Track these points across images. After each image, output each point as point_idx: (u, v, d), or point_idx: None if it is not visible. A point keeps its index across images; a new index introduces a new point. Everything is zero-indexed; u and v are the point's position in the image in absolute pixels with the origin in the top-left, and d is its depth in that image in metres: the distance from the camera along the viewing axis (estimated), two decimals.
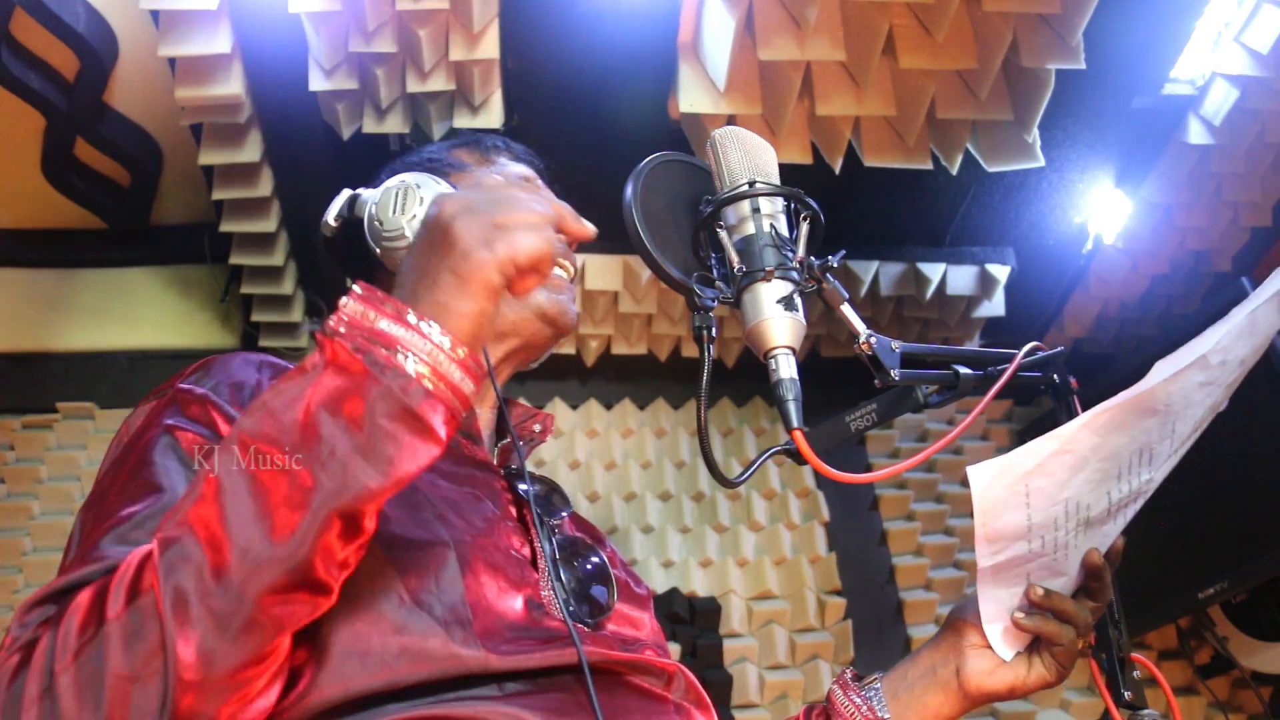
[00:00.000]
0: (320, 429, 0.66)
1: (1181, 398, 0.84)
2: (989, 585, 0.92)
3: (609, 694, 0.83)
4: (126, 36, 2.17)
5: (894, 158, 2.22)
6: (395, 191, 0.99)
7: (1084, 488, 0.86)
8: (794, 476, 2.78)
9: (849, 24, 2.01)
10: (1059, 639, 0.93)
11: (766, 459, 0.89)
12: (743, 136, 0.91)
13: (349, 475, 0.65)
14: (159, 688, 0.62)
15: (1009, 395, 2.99)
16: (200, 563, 0.64)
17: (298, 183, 2.33)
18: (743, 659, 2.50)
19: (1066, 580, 0.94)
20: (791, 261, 0.86)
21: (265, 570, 0.64)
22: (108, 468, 0.83)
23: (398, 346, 0.68)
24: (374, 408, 0.66)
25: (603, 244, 2.55)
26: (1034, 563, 0.91)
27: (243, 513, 0.65)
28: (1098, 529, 0.92)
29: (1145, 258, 2.77)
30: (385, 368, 0.67)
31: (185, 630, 0.62)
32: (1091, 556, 0.93)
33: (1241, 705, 2.69)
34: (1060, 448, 0.82)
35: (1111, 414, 0.81)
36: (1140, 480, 0.90)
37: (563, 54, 2.09)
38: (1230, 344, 0.85)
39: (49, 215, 2.60)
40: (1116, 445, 0.84)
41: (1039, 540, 0.88)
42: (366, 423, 0.66)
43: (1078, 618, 0.93)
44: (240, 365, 0.89)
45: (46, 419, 2.61)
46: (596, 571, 0.98)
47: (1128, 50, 2.14)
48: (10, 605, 2.34)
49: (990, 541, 0.87)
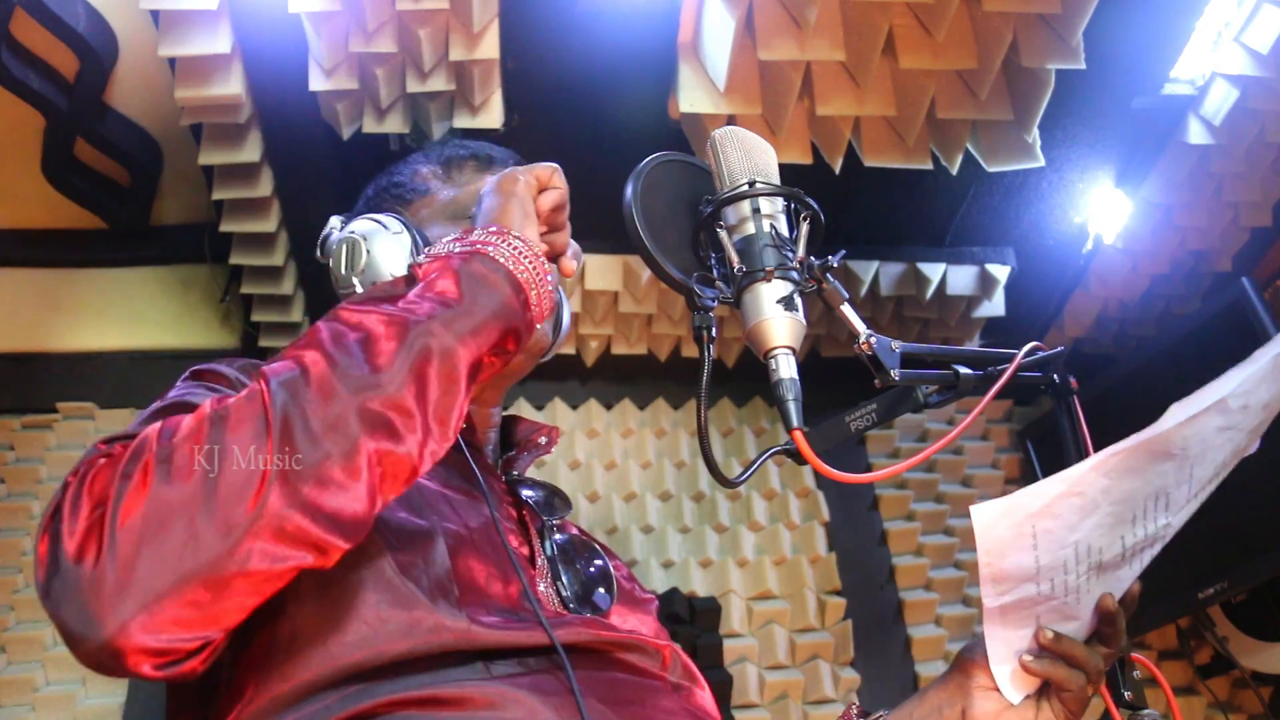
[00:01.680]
0: (414, 296, 0.79)
1: (1199, 442, 0.81)
2: (996, 626, 0.90)
3: (602, 673, 0.83)
4: (126, 36, 2.17)
5: (894, 158, 2.22)
6: (345, 245, 1.02)
7: (1095, 531, 0.84)
8: (794, 476, 2.78)
9: (849, 24, 2.01)
10: (1068, 685, 0.90)
11: (766, 459, 0.89)
12: (743, 136, 0.91)
13: (443, 309, 0.77)
14: (258, 476, 0.66)
15: (1009, 395, 2.99)
16: (308, 380, 0.70)
17: (298, 183, 2.33)
18: (743, 659, 2.50)
19: (1079, 625, 0.92)
20: (791, 261, 0.86)
21: (368, 392, 0.70)
22: None
23: (497, 247, 0.86)
24: (465, 265, 0.83)
25: (603, 244, 2.58)
26: (1043, 605, 0.88)
27: (349, 354, 0.72)
28: (1112, 573, 0.89)
29: (1145, 258, 2.77)
30: (490, 258, 0.84)
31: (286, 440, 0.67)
32: (1105, 602, 0.90)
33: (1241, 705, 2.69)
34: (1068, 490, 0.80)
35: (1123, 457, 0.78)
36: (1157, 525, 0.87)
37: (563, 54, 2.09)
38: (1252, 388, 0.81)
39: (49, 215, 2.60)
40: (1130, 489, 0.82)
41: (1048, 583, 0.86)
42: (461, 275, 0.81)
43: (1088, 663, 0.90)
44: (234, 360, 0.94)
45: (46, 419, 2.61)
46: (600, 574, 0.98)
47: (1128, 50, 2.14)
48: (10, 605, 2.34)
49: (995, 582, 0.85)
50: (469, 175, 1.15)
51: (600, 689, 0.80)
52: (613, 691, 0.82)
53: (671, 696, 0.89)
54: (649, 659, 0.90)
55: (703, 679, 0.97)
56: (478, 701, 0.73)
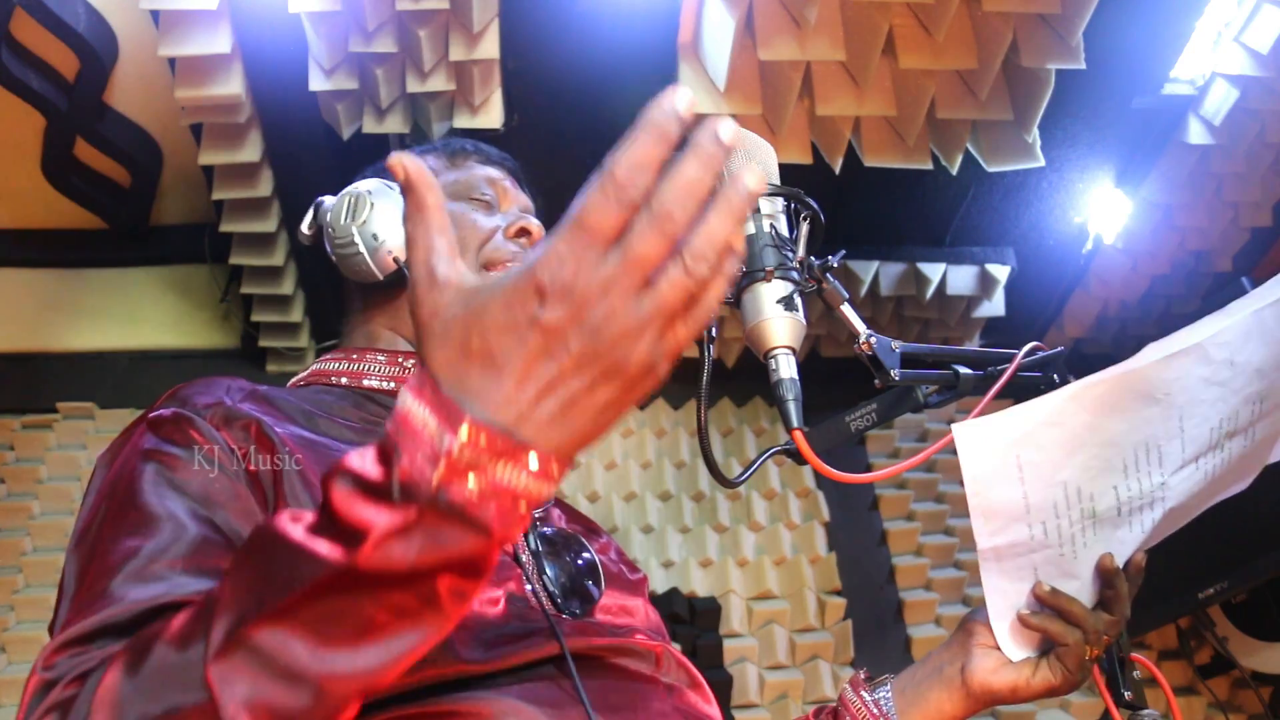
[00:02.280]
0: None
1: (1182, 390, 0.82)
2: (993, 575, 0.90)
3: (595, 680, 0.82)
4: (126, 36, 2.18)
5: (894, 158, 2.22)
6: (347, 199, 1.03)
7: (1084, 474, 0.84)
8: (794, 476, 2.79)
9: (849, 24, 2.01)
10: (1063, 639, 0.90)
11: (766, 459, 0.89)
12: (743, 136, 0.91)
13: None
14: None
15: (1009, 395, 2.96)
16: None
17: (298, 183, 2.33)
18: (743, 659, 2.50)
19: (1079, 585, 0.92)
20: (791, 261, 0.86)
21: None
22: (94, 503, 0.79)
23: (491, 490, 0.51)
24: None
25: None
26: (1039, 554, 0.89)
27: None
28: (1109, 530, 0.89)
29: (1145, 258, 2.77)
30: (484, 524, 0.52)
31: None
32: (1105, 560, 0.90)
33: (1241, 705, 2.69)
34: (1048, 419, 0.80)
35: (1101, 389, 0.79)
36: (1152, 482, 0.87)
37: (563, 54, 2.09)
38: (1236, 343, 0.81)
39: (49, 215, 2.60)
40: (1115, 431, 0.82)
41: (1040, 526, 0.86)
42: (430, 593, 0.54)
43: (1085, 621, 0.90)
44: (209, 387, 0.87)
45: (46, 419, 2.61)
46: (587, 567, 0.98)
47: (1128, 50, 2.14)
48: (10, 605, 2.34)
49: (985, 517, 0.85)
50: (471, 164, 1.17)
51: (594, 695, 0.79)
52: (606, 697, 0.81)
53: (664, 698, 0.88)
54: (642, 661, 0.89)
55: (700, 678, 0.97)
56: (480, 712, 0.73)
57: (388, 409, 0.97)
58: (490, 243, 1.07)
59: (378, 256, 1.03)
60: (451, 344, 0.50)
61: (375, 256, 1.03)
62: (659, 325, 0.49)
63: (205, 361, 2.69)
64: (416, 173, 0.54)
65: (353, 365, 1.03)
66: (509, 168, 1.20)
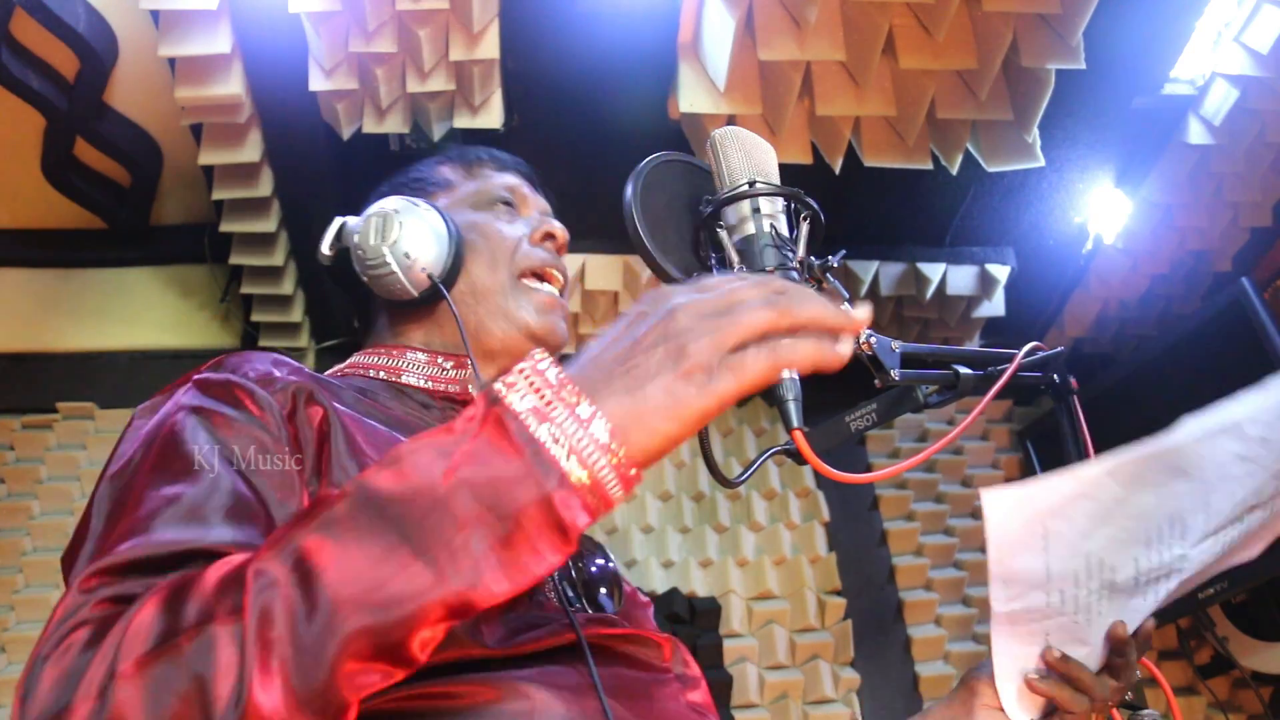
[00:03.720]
0: (458, 510, 0.58)
1: (1215, 466, 0.80)
2: (1004, 638, 0.88)
3: (607, 668, 0.82)
4: (126, 36, 2.17)
5: (894, 158, 2.22)
6: (375, 219, 1.04)
7: (1109, 545, 0.82)
8: (794, 476, 2.78)
9: (849, 24, 2.01)
10: (1072, 707, 0.89)
11: (766, 459, 0.88)
12: (743, 136, 0.91)
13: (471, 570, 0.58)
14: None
15: (1009, 395, 2.99)
16: (295, 609, 0.57)
17: (298, 183, 2.33)
18: (743, 659, 2.50)
19: (1089, 651, 0.91)
20: (791, 261, 0.86)
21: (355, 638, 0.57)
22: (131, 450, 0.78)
23: (570, 446, 0.58)
24: (525, 511, 0.58)
25: (603, 244, 2.57)
26: (1052, 620, 0.87)
27: (349, 571, 0.57)
28: (1124, 599, 0.88)
29: (1145, 258, 2.77)
30: (549, 467, 0.58)
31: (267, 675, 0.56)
32: (1116, 629, 0.89)
33: (1241, 705, 2.69)
34: (1080, 491, 0.78)
35: (1137, 465, 0.77)
36: (1172, 554, 0.85)
37: (563, 54, 2.09)
38: (1273, 421, 0.79)
39: (49, 215, 2.60)
40: (1144, 505, 0.80)
41: (1058, 595, 0.84)
42: (509, 521, 0.58)
43: (1094, 689, 0.89)
44: (257, 358, 0.88)
45: (46, 419, 2.61)
46: (601, 574, 0.98)
47: (1128, 50, 2.14)
48: (10, 605, 2.34)
49: (1005, 584, 0.82)
50: (488, 172, 1.18)
51: (606, 683, 0.80)
52: (619, 686, 0.81)
53: (675, 689, 0.89)
54: (651, 652, 0.90)
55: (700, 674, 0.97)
56: (491, 695, 0.73)
57: (423, 406, 1.00)
58: (519, 250, 1.09)
59: (411, 275, 1.04)
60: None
61: (409, 275, 1.04)
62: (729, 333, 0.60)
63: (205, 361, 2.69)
64: (853, 329, 0.65)
65: (392, 360, 1.05)
66: (524, 172, 1.21)
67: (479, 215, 1.11)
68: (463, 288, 1.06)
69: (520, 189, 1.17)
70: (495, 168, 1.19)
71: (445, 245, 1.05)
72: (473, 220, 1.10)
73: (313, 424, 0.82)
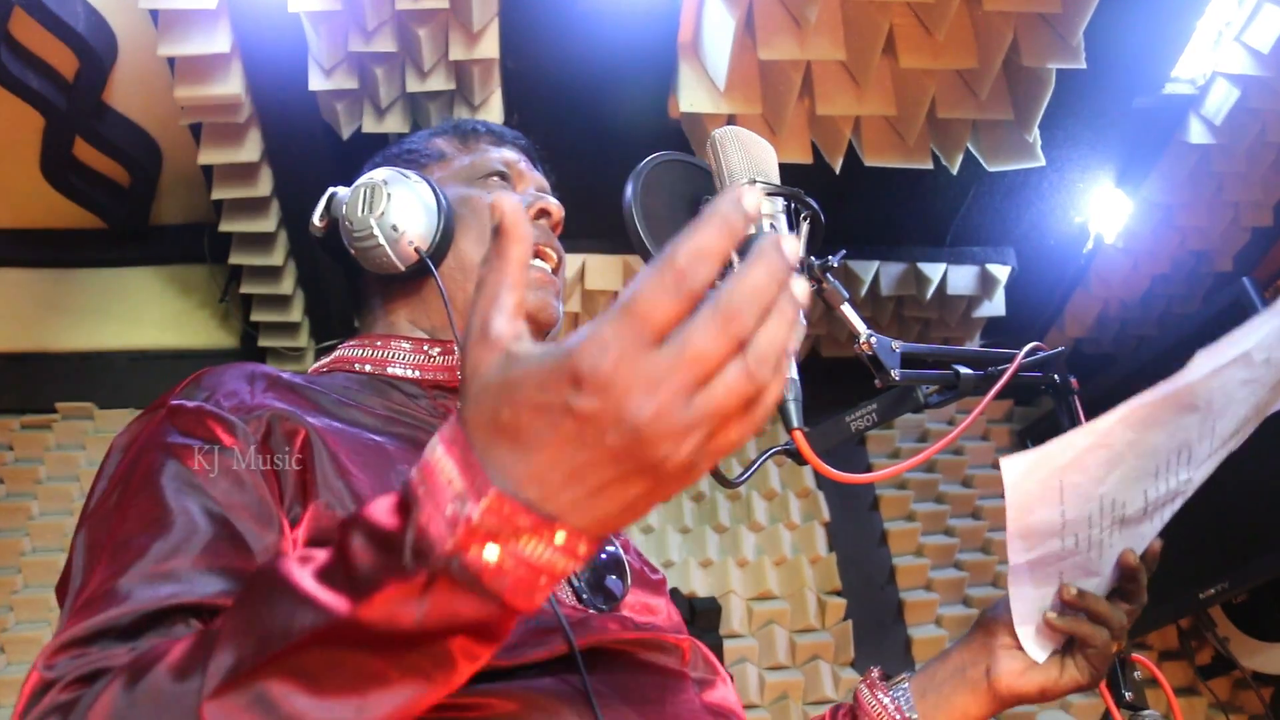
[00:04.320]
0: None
1: (1223, 395, 0.81)
2: (1023, 585, 0.90)
3: (623, 675, 0.82)
4: (126, 36, 2.17)
5: (894, 158, 2.22)
6: (363, 189, 1.01)
7: (1120, 485, 0.84)
8: (794, 476, 2.78)
9: (849, 24, 2.01)
10: (1092, 640, 0.91)
11: (766, 459, 0.88)
12: (743, 136, 0.91)
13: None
14: None
15: (1009, 395, 2.99)
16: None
17: (297, 182, 2.33)
18: (743, 659, 2.49)
19: (1100, 580, 0.92)
20: None
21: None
22: (107, 488, 0.78)
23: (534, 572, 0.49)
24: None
25: (603, 244, 2.57)
26: (1067, 561, 0.89)
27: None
28: (1133, 528, 0.90)
29: (1146, 257, 2.77)
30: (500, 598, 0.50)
31: None
32: (1127, 557, 0.91)
33: (1242, 706, 2.68)
34: (1096, 442, 0.80)
35: (1150, 409, 0.78)
36: (1179, 480, 0.87)
37: (563, 54, 2.09)
38: (1275, 342, 0.81)
39: (49, 215, 2.60)
40: (1155, 442, 0.82)
41: (1072, 538, 0.86)
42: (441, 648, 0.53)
43: (1112, 619, 0.91)
44: (232, 376, 0.85)
45: (46, 419, 2.61)
46: (611, 561, 0.97)
47: (1128, 50, 2.13)
48: (9, 606, 2.34)
49: (1022, 538, 0.85)
50: (484, 145, 1.16)
51: (622, 689, 0.79)
52: (634, 691, 0.81)
53: (693, 692, 0.88)
54: (669, 655, 0.89)
55: (724, 671, 0.97)
56: (497, 707, 0.72)
57: (411, 397, 0.97)
58: None
59: (398, 247, 1.01)
60: (483, 410, 0.48)
61: (396, 248, 1.01)
62: (709, 428, 0.46)
63: (205, 361, 2.66)
64: (513, 221, 0.52)
65: (377, 352, 1.01)
66: (522, 146, 1.19)
67: (471, 189, 1.09)
68: (451, 263, 1.03)
69: (517, 164, 1.14)
70: (492, 141, 1.16)
71: (434, 219, 1.02)
72: (464, 194, 1.08)
73: (292, 447, 0.79)
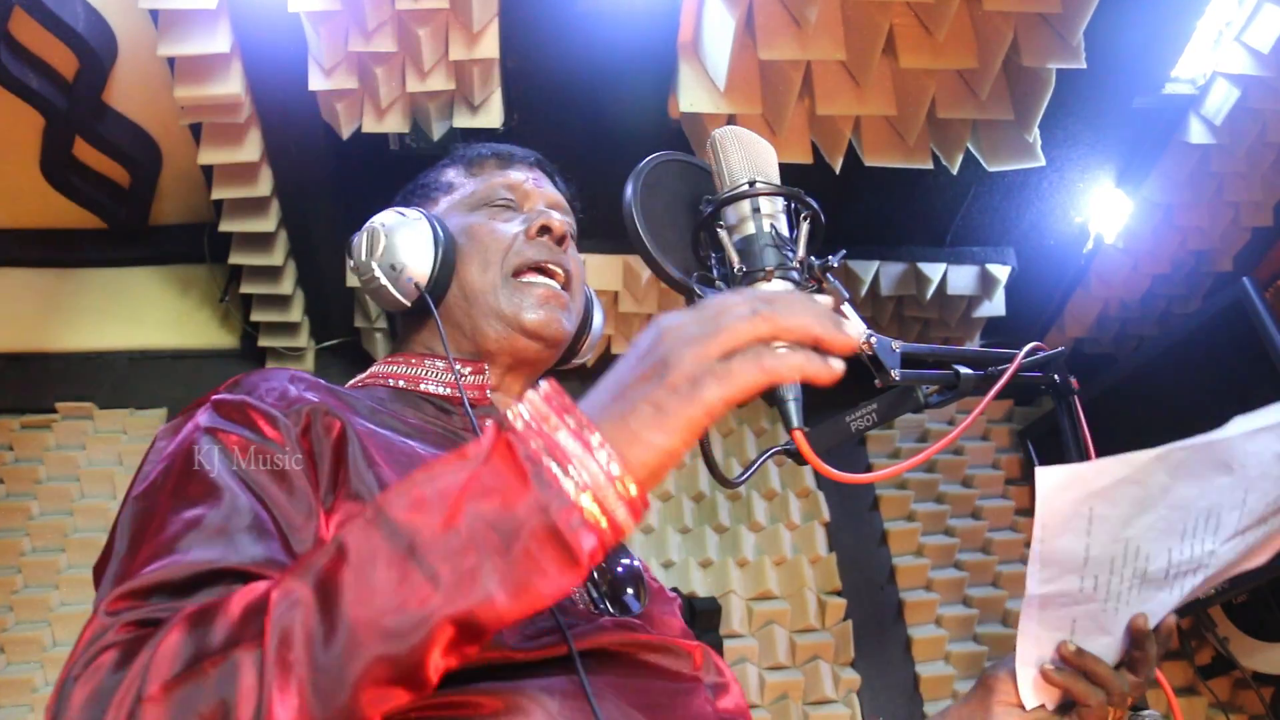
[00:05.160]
0: (466, 533, 0.60)
1: (1257, 463, 0.80)
2: (1032, 621, 0.88)
3: (634, 679, 0.82)
4: (126, 36, 2.17)
5: (894, 157, 2.22)
6: (366, 234, 1.09)
7: (1147, 534, 0.83)
8: (794, 476, 2.78)
9: (849, 24, 2.01)
10: (1087, 700, 0.89)
11: (766, 459, 0.88)
12: (743, 136, 0.91)
13: (478, 588, 0.60)
14: None
15: (1010, 395, 2.99)
16: (313, 631, 0.59)
17: (297, 182, 2.33)
18: (743, 659, 2.49)
19: (1111, 641, 0.91)
20: (792, 261, 0.86)
21: (374, 664, 0.59)
22: (154, 472, 0.80)
23: (569, 465, 0.60)
24: (525, 526, 0.60)
25: (603, 244, 2.57)
26: (1081, 607, 0.87)
27: (365, 593, 0.60)
28: (1152, 591, 0.88)
29: (1146, 257, 2.77)
30: (549, 485, 0.60)
31: (285, 694, 0.58)
32: (1138, 621, 0.89)
33: (1242, 706, 2.69)
34: (1130, 475, 0.78)
35: (1187, 453, 0.78)
36: (1204, 549, 0.86)
37: (563, 54, 2.09)
38: None
39: (49, 215, 2.60)
40: (1186, 494, 0.81)
41: (1092, 579, 0.85)
42: (513, 539, 0.60)
43: (1111, 683, 0.89)
44: (274, 376, 0.90)
45: (45, 419, 2.60)
46: (629, 574, 0.97)
47: (1128, 50, 2.13)
48: (10, 606, 2.34)
49: (1045, 564, 0.83)
50: (490, 170, 1.19)
51: (629, 693, 0.79)
52: (641, 696, 0.81)
53: (703, 699, 0.88)
54: (680, 661, 0.89)
55: (733, 678, 0.97)
56: (499, 706, 0.73)
57: (444, 411, 1.01)
58: (513, 248, 1.08)
59: (400, 285, 1.07)
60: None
61: (397, 285, 1.07)
62: (717, 346, 0.61)
63: (205, 361, 2.69)
64: (842, 347, 0.64)
65: (411, 369, 1.06)
66: (531, 163, 1.21)
67: (474, 217, 1.12)
68: (455, 292, 1.07)
69: (522, 185, 1.16)
70: (498, 165, 1.19)
71: (432, 254, 1.06)
72: (466, 223, 1.11)
73: (329, 439, 0.83)
